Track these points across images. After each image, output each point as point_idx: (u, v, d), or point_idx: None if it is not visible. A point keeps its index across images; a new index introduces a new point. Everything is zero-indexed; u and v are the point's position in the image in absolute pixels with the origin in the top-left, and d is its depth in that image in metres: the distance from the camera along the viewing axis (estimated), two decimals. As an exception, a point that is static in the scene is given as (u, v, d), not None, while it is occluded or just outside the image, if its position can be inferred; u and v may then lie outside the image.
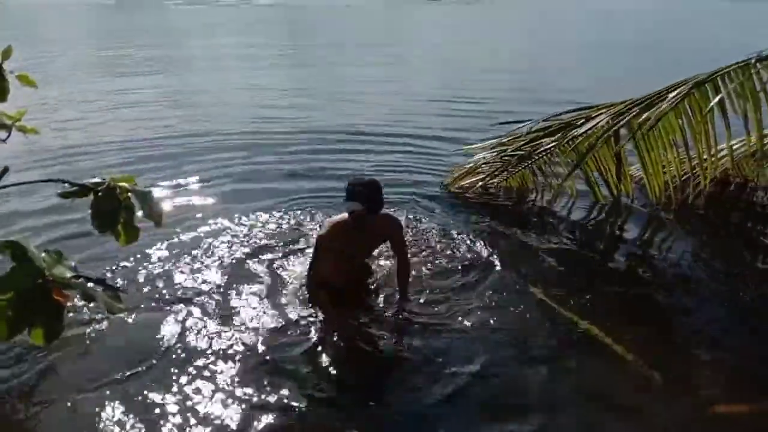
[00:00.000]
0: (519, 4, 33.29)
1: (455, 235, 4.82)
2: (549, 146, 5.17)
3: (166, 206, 5.10)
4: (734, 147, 4.92)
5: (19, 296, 1.46)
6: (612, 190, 5.45)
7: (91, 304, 1.59)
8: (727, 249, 4.94)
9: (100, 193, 1.94)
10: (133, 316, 3.63)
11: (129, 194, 1.98)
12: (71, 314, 3.44)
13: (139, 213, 1.95)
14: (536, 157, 5.41)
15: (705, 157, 4.64)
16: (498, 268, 4.36)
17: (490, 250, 4.60)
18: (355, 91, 11.25)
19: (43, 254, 1.55)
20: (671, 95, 4.37)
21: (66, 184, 1.98)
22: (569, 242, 4.94)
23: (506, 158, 5.63)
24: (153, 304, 3.81)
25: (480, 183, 5.72)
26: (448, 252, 4.58)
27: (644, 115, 4.43)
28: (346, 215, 3.75)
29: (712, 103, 4.25)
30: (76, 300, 1.51)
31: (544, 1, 36.07)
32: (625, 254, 4.80)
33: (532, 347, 3.50)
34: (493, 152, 5.75)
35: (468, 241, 4.73)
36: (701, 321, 3.83)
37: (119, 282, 3.91)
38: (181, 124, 8.77)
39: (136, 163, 6.82)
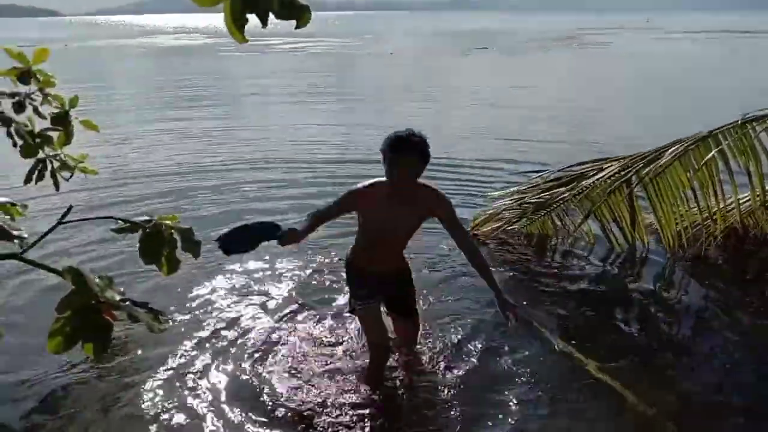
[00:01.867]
0: (560, 55, 33.56)
1: (473, 278, 5.09)
2: (564, 195, 5.45)
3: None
4: (741, 200, 5.11)
5: (76, 315, 1.79)
6: (627, 237, 5.65)
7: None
8: (743, 298, 5.05)
9: (147, 230, 2.31)
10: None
11: (172, 231, 2.35)
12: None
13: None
14: (554, 206, 5.68)
15: (714, 209, 4.84)
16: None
17: (506, 290, 4.84)
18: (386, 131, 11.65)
19: (97, 279, 1.88)
20: (670, 151, 4.63)
21: (120, 222, 2.36)
22: (585, 287, 5.15)
23: (525, 205, 5.91)
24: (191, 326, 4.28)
25: (500, 229, 6.00)
26: (465, 294, 4.86)
27: (647, 169, 4.69)
28: (383, 179, 3.17)
29: (707, 158, 4.49)
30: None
31: (586, 51, 36.29)
32: (640, 301, 4.97)
33: (542, 389, 3.69)
34: (513, 199, 6.03)
35: (481, 282, 4.99)
36: (714, 370, 3.95)
37: (159, 304, 4.36)
38: (229, 157, 9.50)
39: (184, 196, 7.46)
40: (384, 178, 3.14)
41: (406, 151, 3.02)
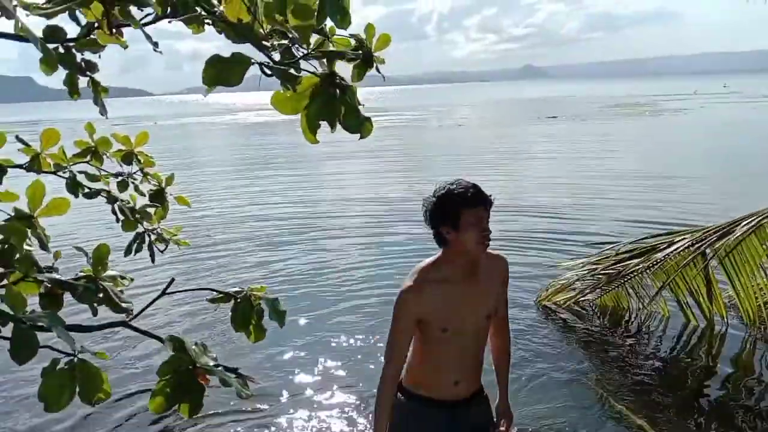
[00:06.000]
0: (632, 123, 33.22)
1: (544, 348, 5.11)
2: (636, 267, 5.40)
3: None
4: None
5: (175, 378, 1.97)
6: (704, 311, 5.50)
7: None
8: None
9: (239, 300, 2.50)
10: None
11: (260, 301, 2.53)
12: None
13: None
14: (627, 277, 5.62)
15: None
16: (583, 380, 4.60)
17: (578, 361, 4.86)
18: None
19: (193, 346, 2.07)
20: (744, 223, 4.57)
21: (214, 293, 2.57)
22: (659, 362, 5.03)
23: (598, 276, 5.87)
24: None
25: (573, 299, 5.96)
26: (534, 360, 4.87)
27: (721, 242, 4.63)
28: (428, 263, 2.36)
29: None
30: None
31: (658, 119, 35.78)
32: (718, 380, 4.80)
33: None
34: (585, 270, 6.01)
35: (556, 352, 5.03)
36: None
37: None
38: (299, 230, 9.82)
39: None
40: (429, 260, 2.37)
41: (482, 200, 2.23)
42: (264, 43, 1.39)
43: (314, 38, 1.43)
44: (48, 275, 2.04)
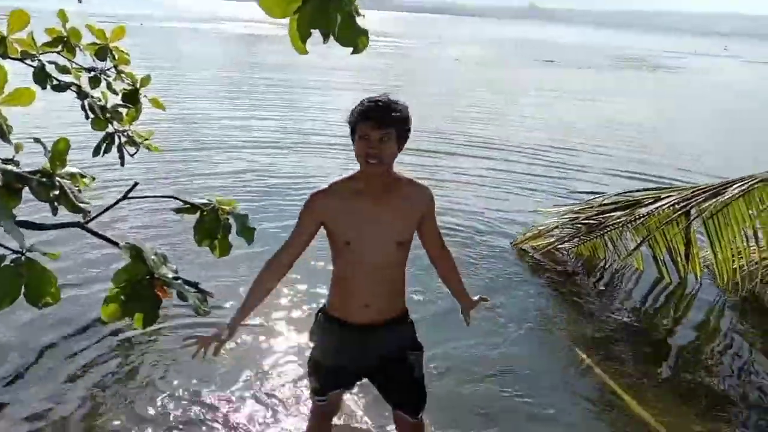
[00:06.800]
0: (629, 75, 32.85)
1: (513, 290, 5.11)
2: (619, 220, 5.36)
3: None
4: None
5: (131, 286, 1.88)
6: (679, 270, 5.50)
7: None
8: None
9: (205, 212, 2.38)
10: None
11: (228, 216, 2.42)
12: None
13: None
14: (608, 229, 5.58)
15: (774, 249, 4.70)
16: (548, 325, 4.63)
17: (548, 309, 4.87)
18: (454, 139, 11.57)
19: (152, 256, 1.96)
20: (734, 187, 4.51)
21: (180, 202, 2.44)
22: (628, 315, 5.05)
23: (579, 225, 5.83)
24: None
25: (551, 246, 5.93)
26: (504, 304, 4.85)
27: (708, 203, 4.58)
28: (349, 174, 2.37)
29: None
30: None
31: (657, 74, 35.42)
32: (683, 336, 4.86)
33: (572, 416, 3.68)
34: (565, 218, 5.96)
35: (528, 297, 5.03)
36: (753, 415, 3.84)
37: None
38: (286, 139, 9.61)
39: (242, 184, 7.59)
40: (348, 173, 2.38)
41: (386, 124, 2.18)
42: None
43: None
44: (2, 166, 1.90)
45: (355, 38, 1.35)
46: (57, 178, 2.04)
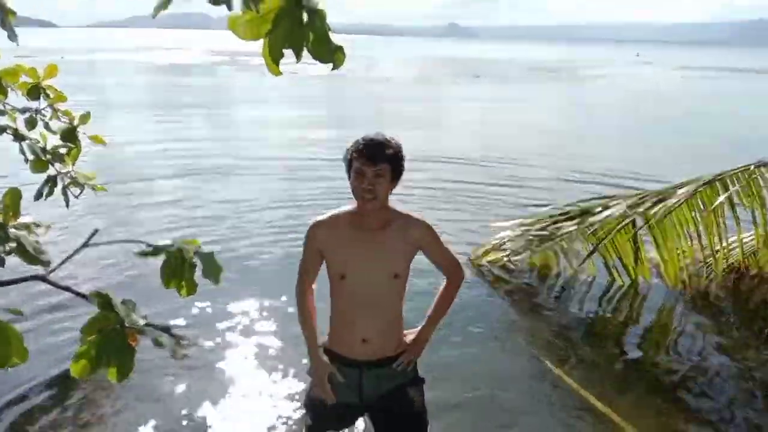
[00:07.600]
0: (553, 86, 34.02)
1: (475, 304, 5.14)
2: (570, 229, 5.48)
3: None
4: (744, 240, 5.17)
5: (102, 338, 1.76)
6: (630, 273, 5.66)
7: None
8: (740, 337, 5.07)
9: (170, 255, 2.27)
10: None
11: (193, 256, 2.31)
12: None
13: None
14: (558, 239, 5.69)
15: (717, 248, 4.90)
16: (512, 336, 4.73)
17: (508, 319, 4.93)
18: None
19: (120, 304, 1.85)
20: (680, 191, 4.70)
21: (143, 245, 2.32)
22: (584, 319, 5.19)
23: (530, 238, 5.92)
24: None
25: (505, 259, 5.99)
26: (463, 318, 4.87)
27: (655, 209, 4.75)
28: (348, 208, 2.41)
29: (717, 201, 4.55)
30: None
31: (581, 84, 36.81)
32: (639, 336, 5.03)
33: (542, 421, 3.71)
34: (517, 231, 6.04)
35: (485, 310, 5.06)
36: (710, 406, 3.96)
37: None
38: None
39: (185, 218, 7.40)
40: (349, 206, 2.41)
41: (365, 154, 2.24)
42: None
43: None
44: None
45: (331, 54, 1.33)
46: (12, 230, 1.92)
